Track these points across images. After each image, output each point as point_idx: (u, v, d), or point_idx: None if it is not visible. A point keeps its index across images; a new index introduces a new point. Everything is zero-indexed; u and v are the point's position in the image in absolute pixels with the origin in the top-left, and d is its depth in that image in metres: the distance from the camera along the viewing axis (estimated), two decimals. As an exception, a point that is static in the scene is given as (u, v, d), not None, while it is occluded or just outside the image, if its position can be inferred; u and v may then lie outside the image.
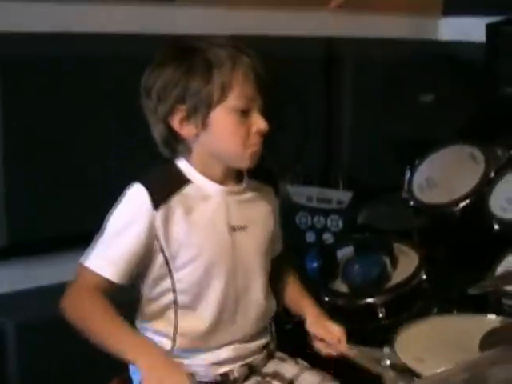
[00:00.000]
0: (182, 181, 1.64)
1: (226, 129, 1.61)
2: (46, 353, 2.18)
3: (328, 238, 2.61)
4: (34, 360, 2.18)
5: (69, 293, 1.61)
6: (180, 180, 1.64)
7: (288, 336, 1.89)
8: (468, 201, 2.47)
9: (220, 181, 1.66)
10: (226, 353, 1.67)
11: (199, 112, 1.59)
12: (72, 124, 2.22)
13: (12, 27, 2.12)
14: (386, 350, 1.79)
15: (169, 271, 1.63)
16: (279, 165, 2.42)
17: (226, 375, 1.67)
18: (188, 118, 1.60)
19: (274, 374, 1.74)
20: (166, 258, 1.61)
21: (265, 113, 1.64)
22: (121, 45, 2.32)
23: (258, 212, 1.74)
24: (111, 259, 1.59)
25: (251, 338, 1.72)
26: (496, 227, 2.38)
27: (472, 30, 3.01)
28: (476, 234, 2.44)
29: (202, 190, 1.64)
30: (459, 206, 2.47)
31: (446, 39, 3.24)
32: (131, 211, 1.60)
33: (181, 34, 2.41)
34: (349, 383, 1.74)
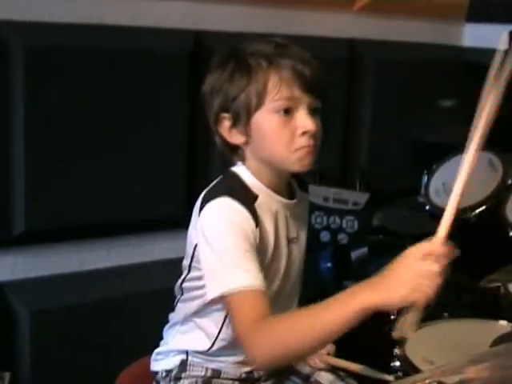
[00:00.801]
0: (253, 195, 1.56)
1: (268, 132, 1.53)
2: (59, 339, 2.22)
3: (343, 238, 2.62)
4: (47, 346, 2.21)
5: (248, 336, 1.44)
6: (250, 194, 1.56)
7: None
8: (484, 207, 2.45)
9: (276, 190, 1.60)
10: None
11: (242, 119, 1.54)
12: (93, 116, 2.25)
13: (40, 17, 2.16)
14: (396, 351, 1.80)
15: None
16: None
17: (250, 373, 1.67)
18: (234, 125, 1.56)
19: (292, 371, 1.75)
20: None
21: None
22: (150, 38, 2.36)
23: (303, 222, 1.72)
24: (246, 270, 1.46)
25: None
26: (512, 234, 2.38)
27: (495, 37, 2.99)
28: (491, 240, 2.44)
29: (269, 205, 1.58)
30: (475, 212, 2.45)
31: (469, 45, 3.23)
32: (236, 224, 1.48)
33: (204, 30, 2.47)
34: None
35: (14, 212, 2.17)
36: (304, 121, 1.51)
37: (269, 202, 1.58)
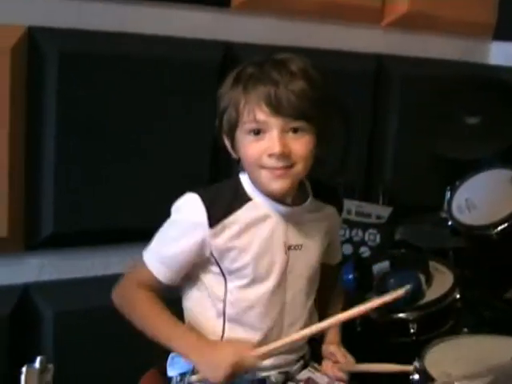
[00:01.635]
0: (244, 198, 1.64)
1: (242, 151, 1.60)
2: (82, 341, 2.24)
3: (365, 251, 2.63)
4: (69, 348, 2.23)
5: (123, 283, 1.69)
6: (241, 197, 1.64)
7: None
8: (506, 224, 2.46)
9: (281, 200, 1.64)
10: (267, 362, 1.68)
11: (229, 136, 1.63)
12: (122, 122, 2.27)
13: (73, 24, 2.19)
14: (416, 363, 1.81)
15: (224, 281, 1.65)
16: (321, 176, 2.45)
17: (263, 380, 1.69)
18: (227, 139, 1.65)
19: (307, 381, 1.76)
20: (221, 269, 1.64)
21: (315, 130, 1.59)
22: (173, 47, 2.37)
23: (316, 231, 1.73)
24: (164, 260, 1.64)
25: (292, 350, 1.74)
26: (534, 252, 2.38)
27: None
28: (512, 257, 2.45)
29: (261, 209, 1.64)
30: (497, 229, 2.47)
31: (496, 63, 3.24)
32: (186, 225, 1.62)
33: (233, 41, 2.49)
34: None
35: (42, 214, 2.19)
36: (271, 144, 1.55)
37: (262, 207, 1.64)
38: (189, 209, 1.62)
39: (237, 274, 1.64)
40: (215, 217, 1.59)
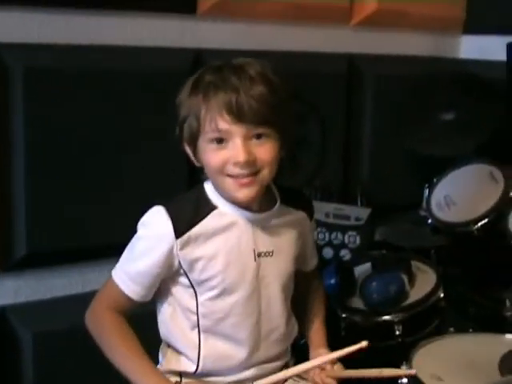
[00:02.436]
0: (209, 207, 1.62)
1: (206, 160, 1.58)
2: (63, 362, 2.20)
3: (345, 254, 2.60)
4: (50, 370, 2.19)
5: (93, 307, 1.68)
6: (206, 206, 1.62)
7: (301, 351, 1.86)
8: (487, 220, 2.45)
9: (247, 206, 1.63)
10: (248, 373, 1.67)
11: (191, 144, 1.60)
12: (93, 137, 2.22)
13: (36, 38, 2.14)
14: (403, 367, 1.79)
15: (194, 293, 1.64)
16: (298, 180, 2.43)
17: None
18: (189, 148, 1.63)
19: None
20: (190, 281, 1.63)
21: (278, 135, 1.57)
22: (141, 58, 2.33)
23: (286, 237, 1.71)
24: (134, 277, 1.63)
25: (272, 359, 1.72)
26: (515, 246, 2.37)
27: (493, 49, 2.99)
28: (495, 253, 2.43)
29: (227, 217, 1.62)
30: (478, 225, 2.46)
31: (467, 57, 3.23)
32: (153, 238, 1.61)
33: (202, 48, 2.44)
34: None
35: (15, 235, 2.14)
36: (234, 152, 1.53)
37: (228, 214, 1.62)
38: (154, 222, 1.61)
39: (206, 285, 1.62)
40: (181, 227, 1.58)
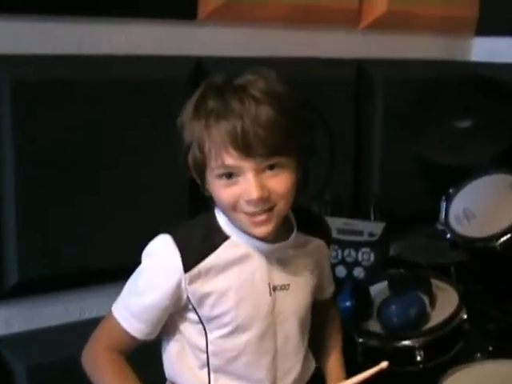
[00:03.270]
0: (221, 237, 1.49)
1: (215, 194, 1.44)
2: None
3: (359, 272, 2.49)
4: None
5: (90, 346, 1.58)
6: (218, 236, 1.49)
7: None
8: (510, 235, 2.36)
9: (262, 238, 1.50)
10: None
11: (198, 175, 1.47)
12: (87, 153, 2.13)
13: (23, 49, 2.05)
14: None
15: (204, 330, 1.52)
16: (306, 194, 2.31)
17: None
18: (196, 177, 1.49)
19: None
20: (199, 317, 1.51)
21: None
22: (138, 67, 2.25)
23: (303, 268, 1.59)
24: (138, 314, 1.51)
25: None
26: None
27: (505, 51, 2.96)
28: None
29: (240, 248, 1.50)
30: (501, 241, 2.36)
31: (479, 60, 3.15)
32: (159, 271, 1.49)
33: (202, 56, 2.36)
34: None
35: (5, 263, 2.06)
36: (246, 188, 1.39)
37: (242, 245, 1.50)
38: (161, 253, 1.48)
39: (217, 322, 1.51)
40: (190, 260, 1.46)
